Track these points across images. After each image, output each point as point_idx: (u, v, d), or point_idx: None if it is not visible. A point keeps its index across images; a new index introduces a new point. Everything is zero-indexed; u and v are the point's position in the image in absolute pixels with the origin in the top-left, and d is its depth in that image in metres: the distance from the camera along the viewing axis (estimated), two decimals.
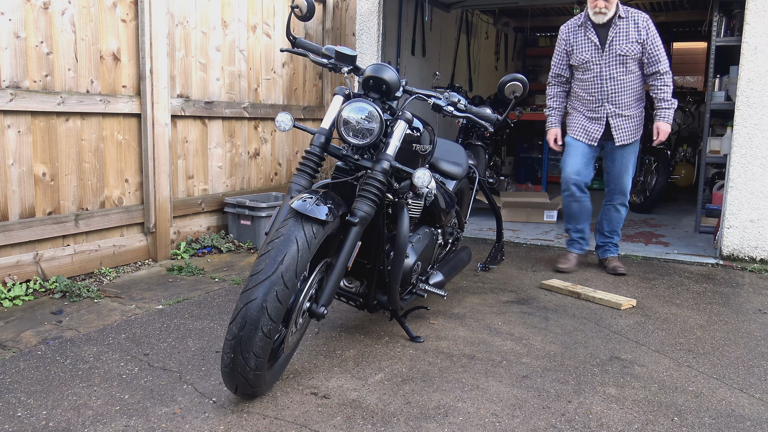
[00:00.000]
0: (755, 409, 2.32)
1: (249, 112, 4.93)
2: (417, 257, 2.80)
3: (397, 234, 2.56)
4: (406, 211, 2.60)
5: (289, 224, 2.11)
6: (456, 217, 3.47)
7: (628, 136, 3.99)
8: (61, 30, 3.54)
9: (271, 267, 2.01)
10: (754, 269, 4.28)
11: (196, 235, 4.59)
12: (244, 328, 1.99)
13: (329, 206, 2.19)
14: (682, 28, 8.83)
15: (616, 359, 2.74)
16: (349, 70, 2.51)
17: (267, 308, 1.99)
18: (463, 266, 3.51)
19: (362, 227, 2.30)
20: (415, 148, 2.57)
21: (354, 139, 2.35)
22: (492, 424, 2.16)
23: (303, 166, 2.42)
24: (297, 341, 2.45)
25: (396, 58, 6.34)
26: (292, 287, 2.04)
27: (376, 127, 2.32)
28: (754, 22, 4.24)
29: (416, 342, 2.87)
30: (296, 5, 2.45)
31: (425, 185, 2.32)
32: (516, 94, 2.35)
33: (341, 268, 2.26)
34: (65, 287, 3.43)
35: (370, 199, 2.31)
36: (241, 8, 4.81)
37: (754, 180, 4.32)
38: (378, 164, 2.34)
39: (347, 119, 2.34)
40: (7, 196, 3.35)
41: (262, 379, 2.15)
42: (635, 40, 3.84)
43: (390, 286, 2.62)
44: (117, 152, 3.95)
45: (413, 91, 2.50)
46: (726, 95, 5.06)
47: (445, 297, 3.02)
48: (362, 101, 2.34)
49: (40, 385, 2.36)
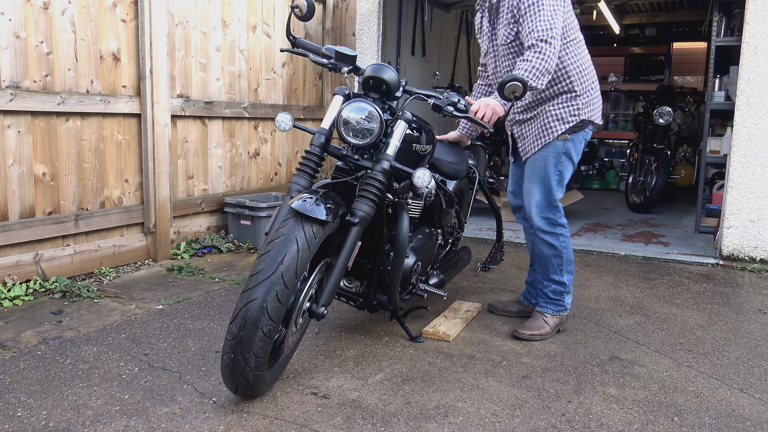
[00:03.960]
0: (755, 409, 2.32)
1: (249, 112, 4.93)
2: (417, 257, 2.79)
3: (397, 234, 2.56)
4: (406, 211, 2.60)
5: (289, 224, 2.11)
6: (456, 217, 3.46)
7: (532, 144, 2.94)
8: (61, 30, 3.54)
9: (271, 267, 2.01)
10: (754, 269, 4.28)
11: (196, 235, 4.59)
12: (244, 328, 1.99)
13: (329, 206, 2.19)
14: (682, 28, 8.83)
15: (616, 359, 2.74)
16: (349, 70, 2.51)
17: (267, 308, 1.99)
18: (463, 266, 3.51)
19: (362, 227, 2.30)
20: (415, 148, 2.57)
21: (354, 139, 2.35)
22: (492, 424, 2.15)
23: (303, 166, 2.42)
24: (297, 341, 2.45)
25: (396, 58, 6.34)
26: (292, 287, 2.04)
27: (376, 127, 2.33)
28: (754, 22, 4.24)
29: (416, 342, 2.86)
30: (296, 5, 2.44)
31: (425, 185, 2.32)
32: (516, 95, 2.34)
33: (341, 268, 2.26)
34: (65, 287, 3.43)
35: (370, 199, 2.31)
36: (241, 8, 4.81)
37: (754, 180, 4.32)
38: (378, 164, 2.34)
39: (347, 119, 2.34)
40: (7, 196, 3.35)
41: (262, 379, 2.15)
42: (512, 20, 2.80)
43: (390, 286, 2.62)
44: (117, 152, 3.95)
45: (413, 91, 2.50)
46: (726, 95, 5.06)
47: (446, 297, 3.02)
48: (362, 101, 2.34)
49: (40, 385, 2.36)
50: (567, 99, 2.87)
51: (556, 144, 2.88)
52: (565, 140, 2.88)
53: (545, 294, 3.02)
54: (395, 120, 2.41)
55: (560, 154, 2.89)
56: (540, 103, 2.91)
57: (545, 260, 2.98)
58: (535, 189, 2.93)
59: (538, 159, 2.92)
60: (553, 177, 2.89)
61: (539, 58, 2.60)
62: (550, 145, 2.89)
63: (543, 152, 2.90)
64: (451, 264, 3.34)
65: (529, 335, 2.92)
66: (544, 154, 2.90)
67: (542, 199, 2.91)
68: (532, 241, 3.01)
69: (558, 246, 2.94)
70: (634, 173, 6.85)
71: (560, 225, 2.95)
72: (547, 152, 2.89)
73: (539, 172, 2.91)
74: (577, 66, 2.86)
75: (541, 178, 2.91)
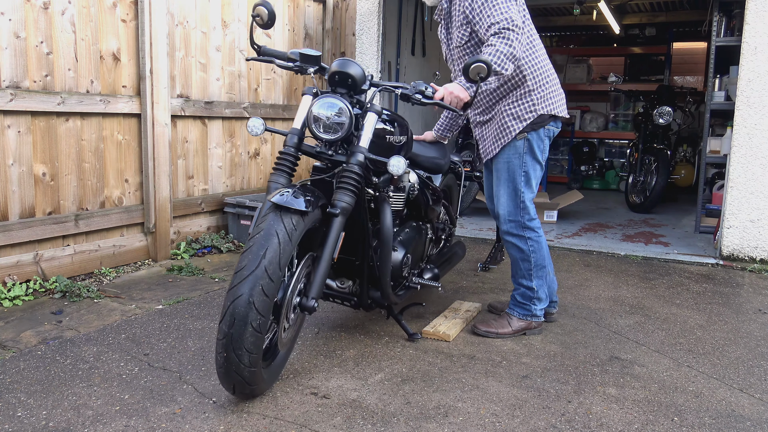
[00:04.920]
0: (755, 409, 2.32)
1: (249, 112, 4.93)
2: (405, 251, 2.82)
3: (381, 226, 2.59)
4: (388, 204, 2.62)
5: (269, 219, 2.13)
6: (447, 212, 3.51)
7: (492, 146, 2.91)
8: (61, 30, 3.54)
9: (254, 262, 2.02)
10: (754, 269, 4.28)
11: (196, 235, 4.59)
12: (234, 325, 2.00)
13: (308, 198, 2.21)
14: (682, 28, 8.82)
15: (616, 359, 2.74)
16: (314, 71, 2.55)
17: (254, 303, 2.00)
18: (457, 260, 3.53)
19: (344, 218, 2.32)
20: (390, 139, 2.60)
21: (326, 135, 2.38)
22: (492, 424, 2.16)
23: (280, 165, 2.45)
24: (293, 338, 2.46)
25: (396, 58, 6.35)
26: (277, 280, 2.05)
27: (346, 121, 2.35)
28: (754, 22, 4.24)
29: (414, 339, 2.87)
30: (257, 14, 2.47)
31: (400, 171, 2.34)
32: (481, 75, 2.35)
33: (327, 259, 2.27)
34: (65, 287, 3.43)
35: (348, 190, 2.34)
36: (241, 8, 4.81)
37: (754, 180, 4.32)
38: (352, 157, 2.37)
39: (317, 116, 2.36)
40: (7, 196, 3.35)
41: (259, 376, 2.15)
42: (464, 21, 2.77)
43: (380, 280, 2.65)
44: (117, 152, 3.95)
45: (380, 84, 2.54)
46: (726, 95, 5.06)
47: (440, 288, 3.05)
48: (330, 96, 2.37)
49: (40, 385, 2.36)
50: (521, 95, 2.82)
51: (517, 144, 2.84)
52: (524, 139, 2.83)
53: (514, 297, 3.01)
54: (365, 113, 2.44)
55: (522, 154, 2.84)
56: (496, 103, 2.87)
57: (514, 264, 2.97)
58: (501, 191, 2.89)
59: (501, 162, 2.89)
60: (519, 178, 2.85)
61: (504, 43, 2.55)
62: (511, 147, 2.84)
63: (505, 154, 2.87)
64: (445, 259, 3.37)
65: (484, 331, 2.93)
66: (506, 157, 2.87)
67: (508, 201, 2.88)
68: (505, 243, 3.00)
69: (526, 250, 2.90)
70: (634, 173, 6.85)
71: (529, 228, 2.89)
72: (509, 154, 2.86)
73: (504, 174, 2.88)
74: (529, 61, 2.81)
75: (505, 180, 2.88)
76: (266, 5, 2.44)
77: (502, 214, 2.91)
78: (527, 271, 2.93)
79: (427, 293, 3.62)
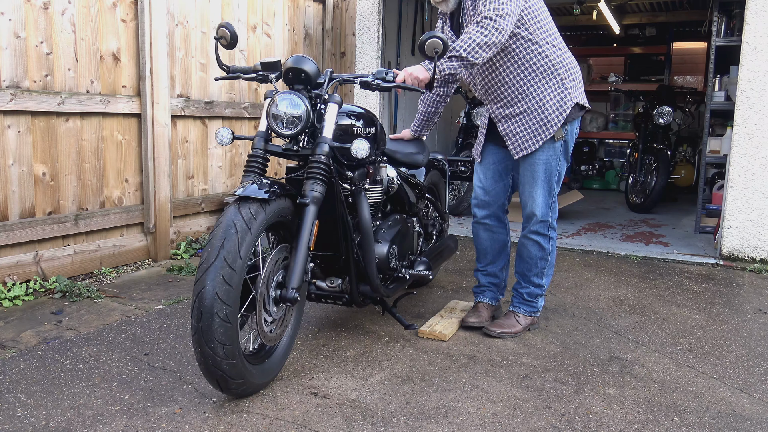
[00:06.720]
0: (755, 409, 2.32)
1: (249, 112, 4.93)
2: (390, 242, 2.85)
3: (359, 218, 2.62)
4: (365, 195, 2.66)
5: (229, 211, 2.15)
6: (435, 208, 3.59)
7: (529, 141, 2.84)
8: (61, 30, 3.54)
9: (213, 253, 2.05)
10: (754, 269, 4.28)
11: (196, 235, 4.59)
12: (202, 318, 2.02)
13: (272, 189, 2.23)
14: (682, 28, 8.83)
15: (616, 359, 2.74)
16: (276, 76, 2.59)
17: (217, 293, 2.01)
18: (450, 253, 3.57)
19: (316, 207, 2.35)
20: (357, 131, 2.64)
21: (287, 131, 2.40)
22: (492, 424, 2.16)
23: (250, 167, 2.47)
24: (291, 336, 2.48)
25: (396, 58, 6.35)
26: (239, 268, 2.06)
27: (303, 113, 2.38)
28: (754, 22, 4.24)
29: (411, 329, 2.92)
30: (220, 36, 2.56)
31: (364, 153, 2.38)
32: (437, 51, 2.39)
33: (303, 248, 2.29)
34: (65, 287, 3.43)
35: (317, 179, 2.36)
36: (241, 8, 4.81)
37: (754, 180, 4.32)
38: (317, 147, 2.40)
39: (276, 113, 2.39)
40: (7, 196, 3.35)
41: (241, 369, 2.13)
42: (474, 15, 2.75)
43: (367, 272, 2.66)
44: (117, 152, 3.95)
45: (338, 76, 2.58)
46: (726, 95, 5.06)
47: (431, 277, 3.08)
48: (285, 93, 2.40)
49: (40, 385, 2.36)
50: (556, 85, 2.78)
51: (555, 146, 2.83)
52: (562, 140, 2.84)
53: (520, 294, 3.01)
54: (326, 105, 2.47)
55: (559, 155, 2.86)
56: (523, 94, 2.80)
57: (531, 261, 2.96)
58: (538, 192, 2.88)
59: (539, 162, 2.85)
60: (554, 180, 2.89)
61: (479, 31, 2.53)
62: (550, 148, 2.83)
63: (544, 155, 2.84)
64: (437, 252, 3.40)
65: (500, 333, 2.93)
66: (545, 158, 2.84)
67: (543, 202, 2.89)
68: (522, 241, 2.99)
69: (547, 248, 2.95)
70: (634, 173, 6.85)
71: (553, 228, 2.96)
72: (548, 155, 2.84)
73: (541, 176, 2.86)
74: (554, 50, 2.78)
75: (542, 181, 2.87)
76: (228, 27, 2.54)
77: (537, 214, 2.90)
78: (542, 270, 2.98)
79: (426, 293, 3.62)
